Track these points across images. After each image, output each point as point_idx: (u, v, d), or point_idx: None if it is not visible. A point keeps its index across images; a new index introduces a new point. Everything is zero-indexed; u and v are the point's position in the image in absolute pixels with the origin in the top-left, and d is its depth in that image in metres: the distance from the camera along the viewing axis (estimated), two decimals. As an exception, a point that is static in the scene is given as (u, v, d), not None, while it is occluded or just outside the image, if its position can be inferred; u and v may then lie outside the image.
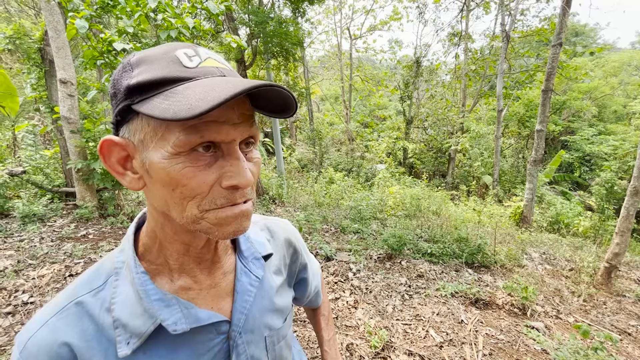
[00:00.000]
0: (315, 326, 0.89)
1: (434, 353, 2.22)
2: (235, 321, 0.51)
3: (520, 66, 13.48)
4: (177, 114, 0.33)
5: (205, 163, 0.38)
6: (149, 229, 0.48)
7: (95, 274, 0.48)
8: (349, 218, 5.40)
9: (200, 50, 0.42)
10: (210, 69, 0.40)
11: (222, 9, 3.15)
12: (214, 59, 0.42)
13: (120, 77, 0.40)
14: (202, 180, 0.38)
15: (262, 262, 0.57)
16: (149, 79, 0.37)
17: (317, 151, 13.63)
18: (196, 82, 0.37)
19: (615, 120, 17.58)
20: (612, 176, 8.86)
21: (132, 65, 0.39)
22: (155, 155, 0.38)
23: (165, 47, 0.41)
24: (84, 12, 2.74)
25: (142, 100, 0.37)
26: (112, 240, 3.58)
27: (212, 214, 0.40)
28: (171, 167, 0.37)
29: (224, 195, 0.40)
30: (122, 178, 0.42)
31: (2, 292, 2.50)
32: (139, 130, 0.39)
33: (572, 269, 3.99)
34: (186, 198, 0.39)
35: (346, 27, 17.85)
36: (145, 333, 0.44)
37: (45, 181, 5.07)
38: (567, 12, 5.84)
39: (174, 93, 0.36)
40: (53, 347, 0.42)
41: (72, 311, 0.44)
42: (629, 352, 2.44)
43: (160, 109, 0.34)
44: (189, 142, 0.37)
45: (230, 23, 6.45)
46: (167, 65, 0.38)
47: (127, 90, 0.38)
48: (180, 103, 0.34)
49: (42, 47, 4.74)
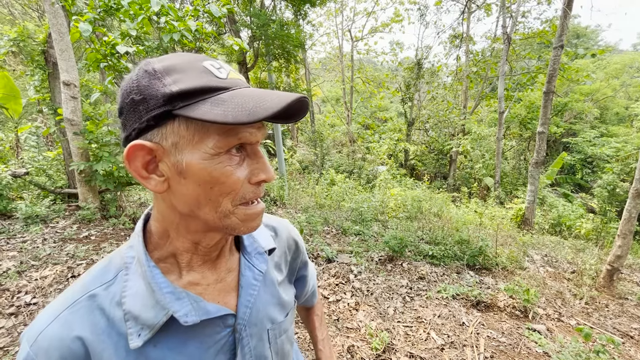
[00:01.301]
0: (309, 326, 0.91)
1: (435, 355, 2.22)
2: (241, 314, 0.53)
3: (522, 68, 13.46)
4: (238, 119, 0.37)
5: (237, 162, 0.43)
6: (161, 229, 0.49)
7: (105, 269, 0.48)
8: (350, 220, 5.40)
9: (221, 62, 0.45)
10: (237, 80, 0.44)
11: (224, 11, 3.17)
12: (233, 71, 0.45)
13: (150, 84, 0.40)
14: (238, 177, 0.43)
15: (265, 257, 0.59)
16: (192, 87, 0.39)
17: (318, 153, 13.64)
18: (236, 92, 0.41)
19: (617, 122, 17.53)
20: (614, 178, 8.83)
21: (160, 73, 0.40)
22: (193, 156, 0.41)
23: (187, 57, 0.43)
24: (88, 15, 2.77)
25: (186, 106, 0.39)
26: (114, 242, 3.59)
27: (242, 209, 0.45)
28: (212, 166, 0.41)
29: (252, 190, 0.45)
30: (147, 181, 0.43)
31: (5, 293, 2.52)
32: (174, 134, 0.41)
33: (574, 271, 3.98)
34: (223, 194, 0.43)
35: (347, 29, 17.89)
36: (158, 324, 0.44)
37: (48, 182, 5.10)
38: (569, 14, 5.84)
39: (221, 100, 0.39)
40: (65, 341, 0.42)
41: (84, 304, 0.45)
42: (631, 355, 2.42)
43: (217, 114, 0.37)
44: (228, 144, 0.41)
45: (232, 25, 6.49)
46: (201, 75, 0.41)
47: (167, 97, 0.39)
48: (237, 110, 0.37)
49: (46, 49, 4.77)
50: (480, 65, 13.32)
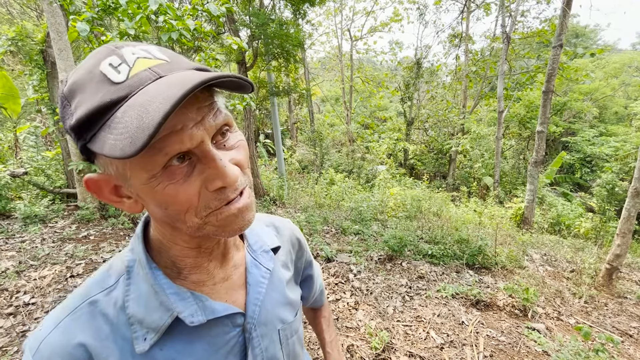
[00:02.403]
0: (316, 328, 0.89)
1: (435, 354, 2.22)
2: (250, 313, 0.51)
3: (521, 67, 13.48)
4: (124, 151, 0.30)
5: (184, 175, 0.37)
6: (155, 237, 0.48)
7: (105, 274, 0.47)
8: (349, 219, 5.40)
9: (125, 52, 0.36)
10: (142, 74, 0.35)
11: (223, 10, 3.16)
12: (145, 57, 0.37)
13: (64, 116, 0.36)
14: (186, 193, 0.37)
15: (271, 255, 0.58)
16: (85, 114, 0.33)
17: (317, 152, 13.64)
18: (131, 101, 0.33)
19: (616, 122, 17.55)
20: (613, 177, 8.84)
21: (67, 98, 0.36)
22: (135, 182, 0.37)
23: (89, 62, 0.36)
24: (86, 14, 2.75)
25: (93, 136, 0.34)
26: (113, 242, 3.59)
27: (213, 217, 0.39)
28: (152, 190, 0.36)
29: (215, 197, 0.39)
30: (121, 205, 0.42)
31: (4, 293, 2.51)
32: (109, 164, 0.38)
33: (573, 270, 3.98)
34: (180, 212, 0.38)
35: (347, 28, 17.89)
36: (163, 326, 0.43)
37: (47, 182, 5.09)
38: (568, 13, 5.84)
39: (116, 122, 0.32)
40: (67, 349, 0.41)
41: (86, 311, 0.43)
42: (631, 353, 2.43)
43: (109, 147, 0.31)
44: (158, 163, 0.35)
45: (232, 25, 6.48)
46: (97, 88, 0.34)
47: (74, 131, 0.35)
48: (123, 136, 0.31)
49: (44, 49, 4.76)
50: (479, 65, 13.32)
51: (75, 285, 2.71)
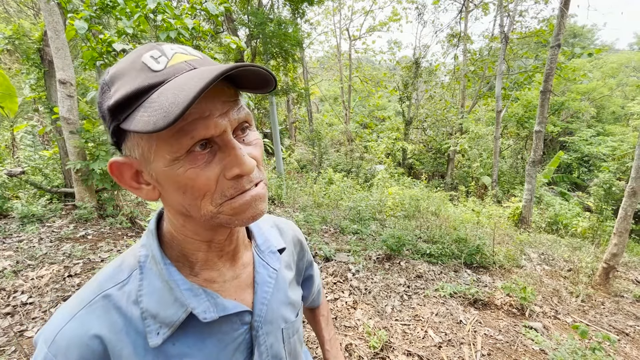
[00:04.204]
0: (315, 327, 0.90)
1: (433, 353, 2.23)
2: (257, 311, 0.53)
3: (519, 67, 13.52)
4: (157, 125, 0.32)
5: (205, 160, 0.39)
6: (168, 231, 0.49)
7: (118, 269, 0.48)
8: (348, 219, 5.40)
9: (165, 48, 0.41)
10: (179, 65, 0.39)
11: (222, 10, 3.15)
12: (182, 53, 0.41)
13: (102, 100, 0.40)
14: (206, 178, 0.39)
15: (278, 256, 0.60)
16: (124, 95, 0.36)
17: (316, 152, 13.65)
18: (167, 85, 0.36)
19: (613, 121, 17.62)
20: (611, 177, 8.88)
21: (107, 84, 0.39)
22: (158, 164, 0.39)
23: (132, 55, 0.40)
24: (84, 13, 2.75)
25: (127, 117, 0.37)
26: (111, 241, 3.58)
27: (227, 205, 0.41)
28: (174, 173, 0.38)
29: (232, 186, 0.41)
30: (139, 192, 0.43)
31: (1, 292, 2.50)
32: (136, 146, 0.40)
33: (570, 269, 4.00)
34: (197, 198, 0.40)
35: (345, 28, 17.88)
36: (177, 322, 0.44)
37: (44, 182, 5.07)
38: (565, 13, 5.86)
39: (151, 102, 0.35)
40: (84, 340, 0.41)
41: (100, 304, 0.44)
42: (627, 352, 2.45)
43: (142, 123, 0.34)
44: (183, 146, 0.37)
45: (230, 24, 6.46)
46: (137, 74, 0.38)
47: (110, 112, 0.38)
48: (157, 112, 0.33)
49: (42, 47, 4.73)
50: (477, 64, 13.34)
51: (73, 285, 2.70)
